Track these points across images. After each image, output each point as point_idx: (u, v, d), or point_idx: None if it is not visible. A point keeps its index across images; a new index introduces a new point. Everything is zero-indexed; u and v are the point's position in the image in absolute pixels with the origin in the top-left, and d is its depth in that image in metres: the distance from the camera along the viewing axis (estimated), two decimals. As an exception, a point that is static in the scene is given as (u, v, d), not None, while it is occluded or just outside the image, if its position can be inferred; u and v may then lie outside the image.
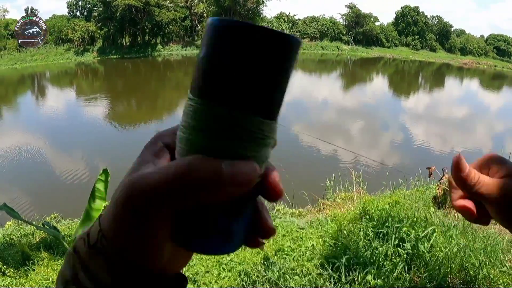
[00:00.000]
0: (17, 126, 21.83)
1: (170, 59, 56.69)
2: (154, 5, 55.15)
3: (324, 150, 16.54)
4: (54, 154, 16.31)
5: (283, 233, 6.99)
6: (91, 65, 51.88)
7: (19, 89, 38.74)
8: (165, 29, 59.67)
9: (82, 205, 6.81)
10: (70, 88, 37.52)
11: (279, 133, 0.36)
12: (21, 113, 27.19)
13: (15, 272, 5.62)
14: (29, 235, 7.37)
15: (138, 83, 37.27)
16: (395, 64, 63.63)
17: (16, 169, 14.70)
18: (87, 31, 55.84)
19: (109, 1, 53.43)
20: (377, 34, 75.64)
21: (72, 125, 21.67)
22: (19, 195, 11.80)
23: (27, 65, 50.08)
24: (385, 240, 5.42)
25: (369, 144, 18.64)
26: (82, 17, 65.20)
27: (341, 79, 45.41)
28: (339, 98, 32.23)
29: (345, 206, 8.70)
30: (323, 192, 10.38)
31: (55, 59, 53.31)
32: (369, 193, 9.41)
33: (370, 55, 70.50)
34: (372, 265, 5.00)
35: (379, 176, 11.68)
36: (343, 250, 5.48)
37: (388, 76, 51.25)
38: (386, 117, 25.24)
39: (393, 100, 33.76)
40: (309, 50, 69.68)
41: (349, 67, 58.65)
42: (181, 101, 29.20)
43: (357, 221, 6.23)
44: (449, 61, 71.45)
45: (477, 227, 5.84)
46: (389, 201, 6.63)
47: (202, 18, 64.33)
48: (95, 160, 15.13)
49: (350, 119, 23.77)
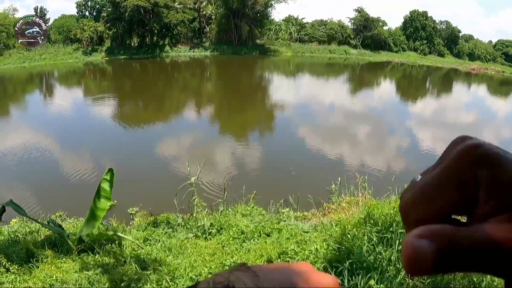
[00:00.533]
0: (25, 124, 21.94)
1: (178, 60, 56.84)
2: (162, 6, 55.32)
3: (330, 154, 16.51)
4: (61, 152, 16.39)
5: (287, 236, 6.98)
6: (99, 65, 52.13)
7: (28, 87, 38.98)
8: (173, 31, 59.83)
9: (87, 204, 6.84)
10: (78, 88, 37.71)
11: (285, 136, 0.36)
12: (29, 111, 27.35)
13: (19, 269, 5.64)
14: (34, 232, 7.40)
15: (145, 83, 37.38)
16: (402, 68, 63.41)
17: (23, 166, 14.77)
18: (95, 31, 56.11)
19: (118, 2, 53.67)
20: (385, 38, 75.44)
21: (79, 124, 21.76)
22: (26, 192, 11.86)
23: (35, 64, 50.41)
24: (389, 245, 5.40)
25: (376, 149, 18.57)
26: (91, 17, 65.50)
27: (349, 83, 45.32)
28: (346, 102, 32.16)
29: (350, 210, 8.69)
30: (328, 196, 10.36)
31: (63, 59, 53.62)
32: (374, 197, 9.39)
33: (378, 59, 70.29)
34: (375, 270, 4.98)
35: (385, 181, 11.64)
36: (347, 255, 5.46)
37: (396, 81, 51.08)
38: (393, 121, 25.15)
39: (400, 105, 33.65)
40: (317, 53, 69.62)
41: (356, 71, 58.52)
42: (187, 103, 29.27)
43: (362, 225, 6.21)
44: (457, 66, 71.11)
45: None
46: (394, 206, 6.60)
47: (210, 20, 64.48)
48: (100, 159, 15.17)
49: (356, 123, 23.69)
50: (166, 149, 16.94)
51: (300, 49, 69.40)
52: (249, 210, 8.86)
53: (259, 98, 32.76)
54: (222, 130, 21.24)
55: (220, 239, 7.18)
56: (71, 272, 5.58)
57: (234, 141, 18.47)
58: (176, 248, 6.71)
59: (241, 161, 15.74)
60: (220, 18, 62.14)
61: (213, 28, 63.69)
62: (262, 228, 7.41)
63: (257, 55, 61.95)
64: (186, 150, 16.50)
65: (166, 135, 19.63)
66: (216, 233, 7.51)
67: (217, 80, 43.74)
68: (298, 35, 72.62)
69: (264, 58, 61.20)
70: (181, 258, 6.30)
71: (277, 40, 69.99)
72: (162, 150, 16.86)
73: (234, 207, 9.11)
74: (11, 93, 35.33)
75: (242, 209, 8.92)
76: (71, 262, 5.91)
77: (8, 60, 49.83)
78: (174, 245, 6.81)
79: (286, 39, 70.58)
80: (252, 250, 6.50)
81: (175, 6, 58.04)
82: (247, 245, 6.78)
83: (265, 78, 47.53)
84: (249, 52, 61.58)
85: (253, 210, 8.90)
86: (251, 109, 26.90)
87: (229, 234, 7.26)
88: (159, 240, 7.15)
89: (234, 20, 60.77)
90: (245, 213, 8.67)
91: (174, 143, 18.19)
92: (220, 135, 20.05)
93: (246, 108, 27.08)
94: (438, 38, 79.24)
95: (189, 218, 8.38)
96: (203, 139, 19.21)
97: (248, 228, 7.36)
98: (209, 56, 60.46)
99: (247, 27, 60.87)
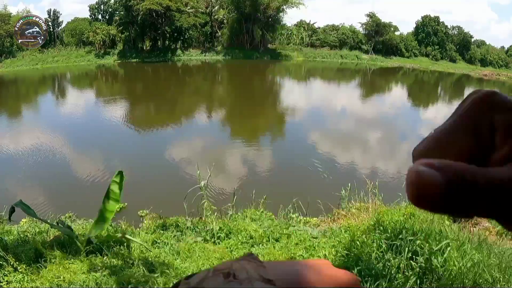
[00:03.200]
0: (37, 125, 22.13)
1: (190, 64, 57.06)
2: (175, 10, 55.60)
3: (341, 159, 16.43)
4: (72, 153, 16.49)
5: (296, 241, 6.95)
6: (111, 68, 52.52)
7: (40, 89, 39.39)
8: (185, 34, 60.12)
9: (96, 206, 6.86)
10: (90, 90, 38.03)
11: (296, 141, 0.35)
12: (41, 112, 27.61)
13: (27, 269, 5.66)
14: (43, 232, 7.43)
15: (157, 87, 37.58)
16: (414, 74, 63.07)
17: (34, 167, 14.90)
18: (108, 34, 56.55)
19: (130, 6, 54.06)
20: (397, 43, 75.08)
21: (91, 125, 21.93)
22: (36, 193, 11.95)
23: (48, 66, 50.94)
24: (398, 252, 5.34)
25: (387, 155, 18.47)
26: (103, 20, 66.12)
27: (360, 89, 45.18)
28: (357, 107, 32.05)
29: (360, 216, 8.62)
30: (338, 202, 10.30)
31: (76, 61, 54.15)
32: (384, 204, 9.31)
33: (389, 64, 69.96)
34: (384, 278, 4.94)
35: (395, 187, 11.54)
36: (355, 261, 5.42)
37: (408, 87, 50.82)
38: (404, 127, 25.01)
39: (412, 111, 33.45)
40: (328, 58, 69.43)
41: (368, 76, 58.31)
42: (199, 106, 29.33)
43: (371, 232, 6.16)
44: (469, 72, 70.46)
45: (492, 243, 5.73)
46: (404, 213, 6.55)
47: (222, 25, 64.69)
48: (111, 161, 15.25)
49: (367, 128, 23.59)
50: (177, 152, 16.99)
51: (312, 54, 69.30)
52: (258, 215, 8.82)
53: (270, 102, 32.76)
54: (233, 134, 21.25)
55: (228, 243, 7.17)
56: (78, 273, 5.59)
57: (245, 145, 18.47)
58: (184, 252, 6.70)
59: (251, 165, 15.73)
60: (232, 23, 62.34)
61: (225, 32, 63.88)
62: (271, 233, 7.39)
63: (268, 59, 61.92)
64: (197, 154, 16.51)
65: (177, 138, 19.70)
66: (225, 237, 7.49)
67: (228, 84, 43.85)
68: (310, 40, 72.59)
69: (276, 63, 61.18)
70: (189, 262, 6.30)
71: (288, 45, 70.00)
72: (172, 153, 16.91)
73: (244, 212, 9.08)
74: (23, 94, 35.72)
75: (251, 213, 8.88)
76: (79, 263, 5.92)
77: (21, 62, 50.43)
78: (182, 249, 6.80)
79: (297, 44, 70.57)
80: (261, 255, 6.47)
81: (187, 10, 58.33)
82: (256, 250, 6.76)
83: (277, 82, 47.54)
84: (260, 57, 61.62)
85: (262, 215, 8.86)
86: (262, 113, 26.89)
87: (237, 238, 7.24)
88: (168, 243, 7.15)
89: (246, 25, 60.88)
90: (254, 217, 8.64)
91: (185, 146, 18.23)
92: (231, 139, 20.06)
93: (257, 112, 27.07)
94: (450, 43, 78.71)
95: (198, 221, 8.36)
96: (213, 142, 19.23)
97: (257, 233, 7.33)
98: (220, 60, 60.61)
99: (259, 31, 60.95)
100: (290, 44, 70.38)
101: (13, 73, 46.50)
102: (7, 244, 6.27)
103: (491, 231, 7.30)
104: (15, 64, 49.63)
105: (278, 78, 50.71)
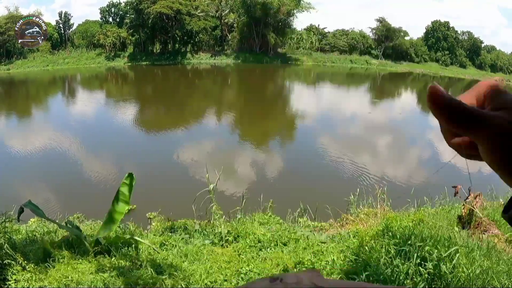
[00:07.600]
0: (47, 126, 22.30)
1: (199, 67, 57.25)
2: (185, 13, 55.86)
3: (350, 164, 16.37)
4: (81, 155, 16.57)
5: (304, 246, 6.93)
6: (121, 70, 52.85)
7: (51, 90, 39.72)
8: (195, 38, 60.34)
9: (105, 207, 6.89)
10: (100, 92, 38.24)
11: (305, 145, 0.35)
12: (51, 113, 27.81)
13: (35, 268, 5.68)
14: (51, 232, 7.47)
15: (167, 90, 37.73)
16: (424, 79, 62.74)
17: (44, 167, 15.00)
18: (118, 37, 56.94)
19: (141, 9, 54.41)
20: (406, 48, 74.84)
21: (101, 127, 22.05)
22: (46, 193, 12.03)
23: (58, 68, 51.42)
24: (407, 258, 5.31)
25: (396, 160, 18.38)
26: (114, 23, 66.51)
27: (370, 93, 45.03)
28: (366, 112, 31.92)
29: (368, 222, 8.58)
30: (346, 207, 10.26)
31: (86, 63, 54.59)
32: (393, 209, 9.26)
33: (399, 70, 69.73)
34: (392, 283, 4.90)
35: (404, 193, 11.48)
36: (364, 267, 5.39)
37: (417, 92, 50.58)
38: (414, 133, 24.88)
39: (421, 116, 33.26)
40: (338, 63, 69.33)
41: (377, 81, 58.14)
42: (208, 109, 29.38)
43: (380, 237, 6.12)
44: (479, 77, 69.86)
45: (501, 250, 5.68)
46: (413, 219, 6.51)
47: (232, 28, 64.85)
48: (121, 163, 15.31)
49: (377, 133, 23.50)
50: (186, 155, 17.03)
51: (321, 59, 69.26)
52: (266, 219, 8.80)
53: (279, 106, 32.78)
54: (242, 137, 21.26)
55: (236, 246, 7.16)
56: (86, 274, 5.61)
57: (254, 149, 18.48)
58: (192, 254, 6.70)
59: (260, 169, 15.73)
60: (242, 27, 62.44)
61: (235, 36, 64.03)
62: (279, 237, 7.37)
63: (278, 63, 61.92)
64: (206, 157, 16.52)
65: (186, 141, 19.74)
66: (233, 241, 7.49)
67: (238, 87, 43.90)
68: (320, 45, 72.53)
69: (286, 67, 61.17)
70: (197, 264, 6.30)
71: (298, 49, 69.97)
72: (182, 155, 16.96)
73: (252, 215, 9.07)
74: (34, 95, 36.03)
75: (259, 217, 8.87)
76: (87, 264, 5.95)
77: (32, 63, 50.98)
78: (190, 251, 6.80)
79: (307, 48, 70.53)
80: (269, 258, 6.46)
81: (197, 13, 58.59)
82: (264, 254, 6.74)
83: (286, 86, 47.52)
84: (270, 61, 61.66)
85: (270, 219, 8.84)
86: (271, 118, 26.90)
87: (245, 242, 7.23)
88: (176, 246, 7.16)
89: (256, 29, 60.98)
90: (262, 221, 8.63)
91: (194, 149, 18.26)
92: (240, 143, 20.07)
93: (266, 116, 27.08)
94: (460, 48, 78.34)
95: (206, 224, 8.37)
96: (223, 146, 19.25)
97: (265, 237, 7.32)
98: (230, 64, 60.73)
99: (272, 35, 61.03)
100: (299, 49, 70.34)
101: (24, 74, 46.97)
102: (15, 243, 6.30)
103: (500, 238, 7.23)
104: (26, 65, 50.17)
105: (287, 82, 50.69)
